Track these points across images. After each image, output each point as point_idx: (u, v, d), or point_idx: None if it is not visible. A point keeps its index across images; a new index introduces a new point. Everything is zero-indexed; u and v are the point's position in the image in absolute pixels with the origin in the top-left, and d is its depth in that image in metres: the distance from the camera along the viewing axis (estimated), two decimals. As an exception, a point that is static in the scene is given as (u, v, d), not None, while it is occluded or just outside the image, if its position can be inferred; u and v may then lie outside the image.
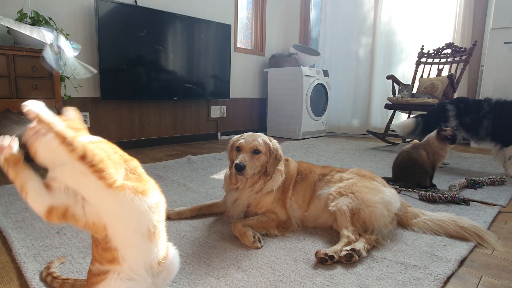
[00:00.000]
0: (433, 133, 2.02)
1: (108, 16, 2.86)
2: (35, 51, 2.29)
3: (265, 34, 4.76)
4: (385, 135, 3.68)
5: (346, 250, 1.11)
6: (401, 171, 2.03)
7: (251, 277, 1.02)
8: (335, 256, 1.10)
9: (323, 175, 1.47)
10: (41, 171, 0.65)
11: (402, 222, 1.41)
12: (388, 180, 1.99)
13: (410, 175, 1.97)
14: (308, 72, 4.16)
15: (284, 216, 1.37)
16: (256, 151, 1.34)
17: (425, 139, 2.07)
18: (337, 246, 1.15)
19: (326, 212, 1.35)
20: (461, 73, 3.42)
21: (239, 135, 1.42)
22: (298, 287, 0.97)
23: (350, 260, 1.09)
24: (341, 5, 4.64)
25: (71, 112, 0.73)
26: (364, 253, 1.13)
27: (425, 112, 2.92)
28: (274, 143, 1.41)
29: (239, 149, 1.36)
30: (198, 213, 1.52)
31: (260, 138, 1.37)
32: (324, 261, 1.09)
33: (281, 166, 1.43)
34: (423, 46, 3.88)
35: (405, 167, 2.00)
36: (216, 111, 4.13)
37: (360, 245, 1.14)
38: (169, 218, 1.47)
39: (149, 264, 0.73)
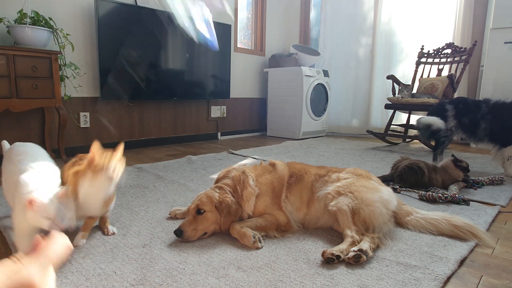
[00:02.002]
0: (450, 162, 2.04)
1: (108, 16, 2.86)
2: (35, 51, 2.29)
3: (265, 34, 4.76)
4: (385, 135, 3.68)
5: (354, 251, 1.10)
6: (402, 181, 2.02)
7: (251, 277, 1.02)
8: (341, 255, 1.10)
9: (320, 175, 1.45)
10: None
11: (396, 220, 1.41)
12: (384, 179, 1.97)
13: (414, 186, 1.99)
14: (308, 72, 4.16)
15: (283, 218, 1.35)
16: (198, 211, 1.28)
17: (440, 166, 2.08)
18: (343, 246, 1.14)
19: (326, 213, 1.35)
20: (461, 73, 3.42)
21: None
22: (298, 287, 0.97)
23: (358, 260, 1.09)
24: (341, 5, 4.64)
25: None
26: (370, 253, 1.12)
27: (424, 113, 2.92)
28: (224, 197, 1.29)
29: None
30: None
31: (204, 194, 1.31)
32: (331, 261, 1.09)
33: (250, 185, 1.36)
34: (423, 46, 3.88)
35: (411, 182, 2.00)
36: (216, 111, 4.13)
37: (366, 245, 1.14)
38: (175, 217, 1.48)
39: None
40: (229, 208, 1.27)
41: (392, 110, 3.69)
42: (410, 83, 3.80)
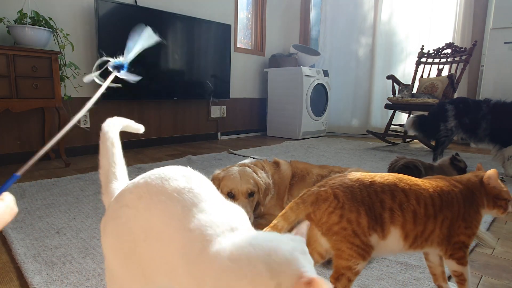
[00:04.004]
0: (447, 162, 2.03)
1: (108, 16, 2.86)
2: (35, 51, 2.29)
3: (265, 34, 4.76)
4: (385, 135, 3.68)
5: None
6: None
7: (251, 277, 1.01)
8: None
9: (322, 176, 1.44)
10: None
11: None
12: None
13: None
14: (308, 72, 4.16)
15: None
16: (251, 194, 1.25)
17: (437, 164, 2.07)
18: None
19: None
20: (461, 73, 3.42)
21: (222, 172, 1.31)
22: (298, 287, 0.97)
23: None
24: (341, 5, 4.65)
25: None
26: None
27: (424, 113, 2.92)
28: (262, 177, 1.30)
29: (232, 195, 1.25)
30: None
31: (251, 178, 1.27)
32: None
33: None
34: (423, 46, 3.88)
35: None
36: (216, 111, 4.13)
37: None
38: None
39: None
40: (267, 187, 1.29)
41: (392, 110, 3.69)
42: (410, 83, 3.80)
